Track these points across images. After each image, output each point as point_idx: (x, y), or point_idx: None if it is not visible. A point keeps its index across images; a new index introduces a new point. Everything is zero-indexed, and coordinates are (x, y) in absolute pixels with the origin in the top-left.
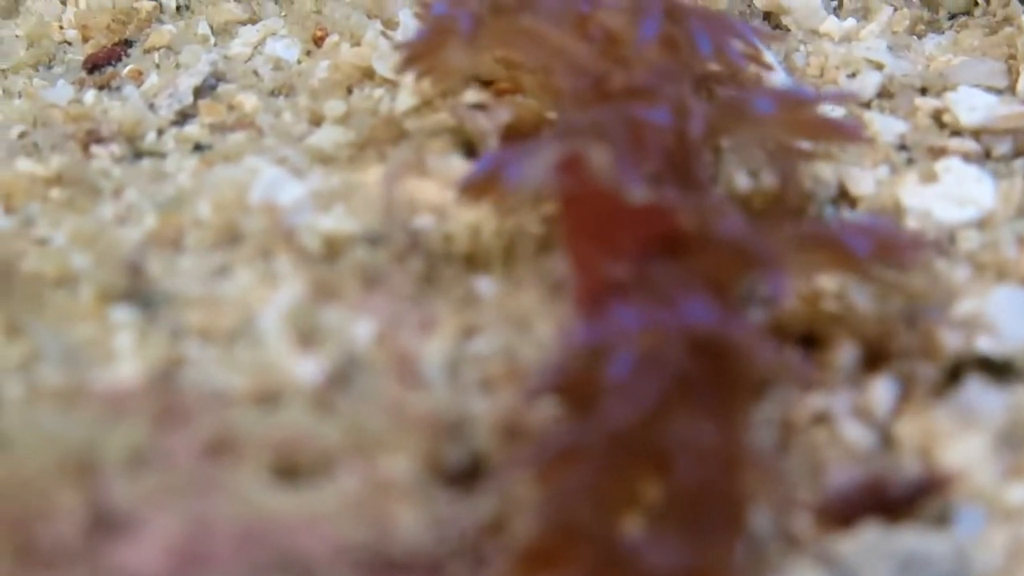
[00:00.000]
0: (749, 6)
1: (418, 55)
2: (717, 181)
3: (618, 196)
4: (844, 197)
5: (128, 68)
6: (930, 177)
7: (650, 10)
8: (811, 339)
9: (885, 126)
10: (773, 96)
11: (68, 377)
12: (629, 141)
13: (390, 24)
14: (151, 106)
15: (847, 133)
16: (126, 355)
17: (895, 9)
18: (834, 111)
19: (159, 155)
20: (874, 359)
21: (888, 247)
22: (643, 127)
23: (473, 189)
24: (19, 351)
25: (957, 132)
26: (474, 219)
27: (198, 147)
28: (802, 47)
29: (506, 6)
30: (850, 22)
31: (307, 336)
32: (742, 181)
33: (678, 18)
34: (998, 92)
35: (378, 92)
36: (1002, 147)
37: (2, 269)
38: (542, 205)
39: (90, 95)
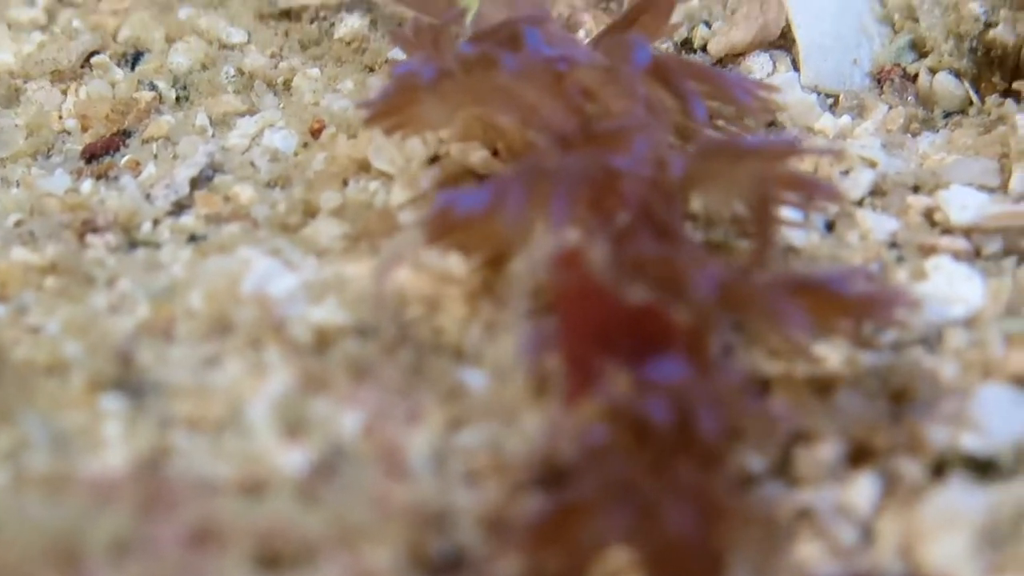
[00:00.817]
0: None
1: (386, 111)
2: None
3: (613, 294)
4: None
5: (126, 158)
6: (920, 275)
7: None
8: (797, 434)
9: (877, 224)
10: (755, 145)
11: (55, 464)
12: (593, 186)
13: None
14: (148, 196)
15: (825, 192)
16: (114, 443)
17: (890, 107)
18: None
19: (154, 245)
20: (859, 455)
21: (872, 297)
22: (616, 175)
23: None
24: (7, 438)
25: (948, 230)
26: (465, 312)
27: (193, 238)
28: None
29: (477, 63)
30: (845, 119)
31: (295, 427)
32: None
33: (665, 75)
34: (990, 191)
35: (373, 185)
36: (992, 246)
37: None
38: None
39: (87, 185)
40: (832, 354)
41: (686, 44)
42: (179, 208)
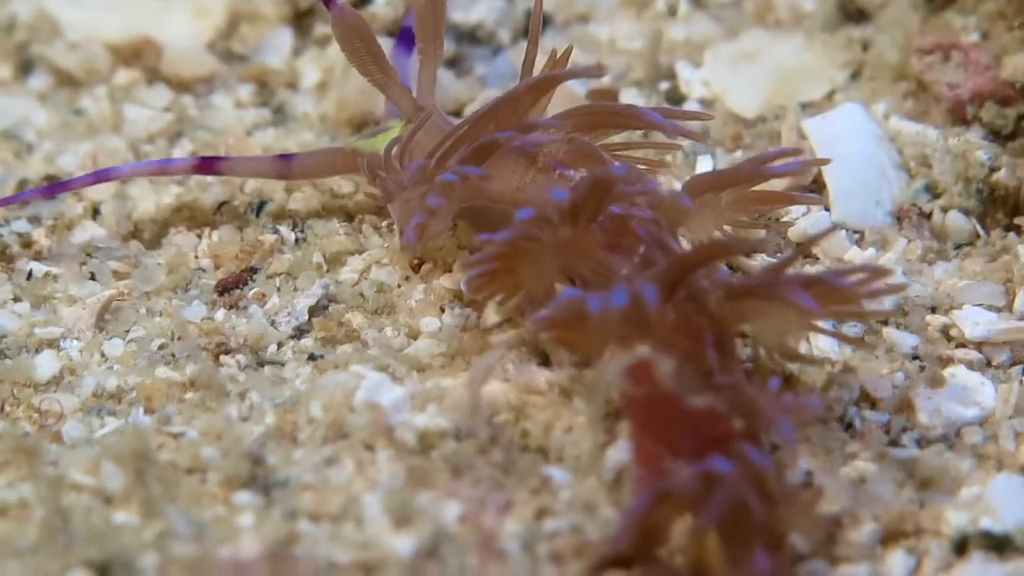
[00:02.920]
0: (784, 239)
1: (487, 279)
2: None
3: (680, 401)
4: (866, 399)
5: (253, 291)
6: (939, 383)
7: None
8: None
9: (900, 339)
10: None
11: (196, 551)
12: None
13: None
14: (273, 323)
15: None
16: (247, 533)
17: (909, 241)
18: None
19: (279, 364)
20: (890, 536)
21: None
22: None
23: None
24: (155, 529)
25: (962, 344)
26: (548, 418)
27: (312, 357)
28: None
29: (566, 218)
30: (870, 252)
31: (403, 516)
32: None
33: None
34: (998, 310)
35: (467, 311)
36: (1001, 356)
37: (142, 460)
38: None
39: (220, 314)
40: (864, 451)
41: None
42: (300, 332)
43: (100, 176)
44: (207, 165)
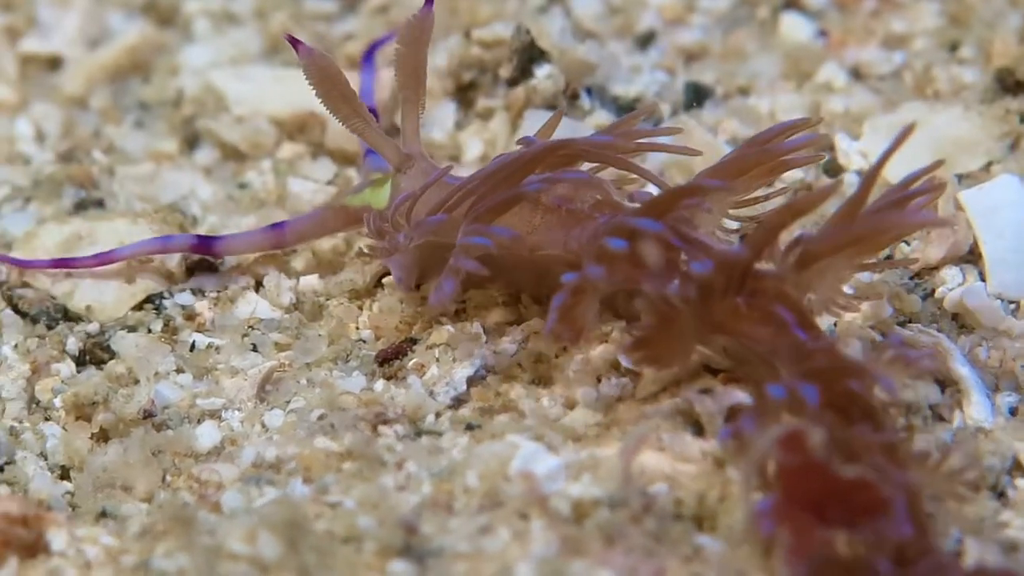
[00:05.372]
0: (939, 309)
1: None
2: None
3: (831, 470)
4: (1019, 467)
5: (412, 362)
6: None
7: None
8: None
9: None
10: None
11: None
12: None
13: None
14: (431, 393)
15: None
16: None
17: None
18: None
19: (436, 434)
20: None
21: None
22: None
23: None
24: None
25: None
26: (702, 487)
27: (469, 427)
28: (984, 343)
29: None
30: None
31: None
32: None
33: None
34: None
35: (623, 380)
36: None
37: (300, 528)
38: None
39: (379, 384)
40: (1017, 519)
41: (888, 260)
42: (458, 402)
43: (102, 259)
44: (204, 245)
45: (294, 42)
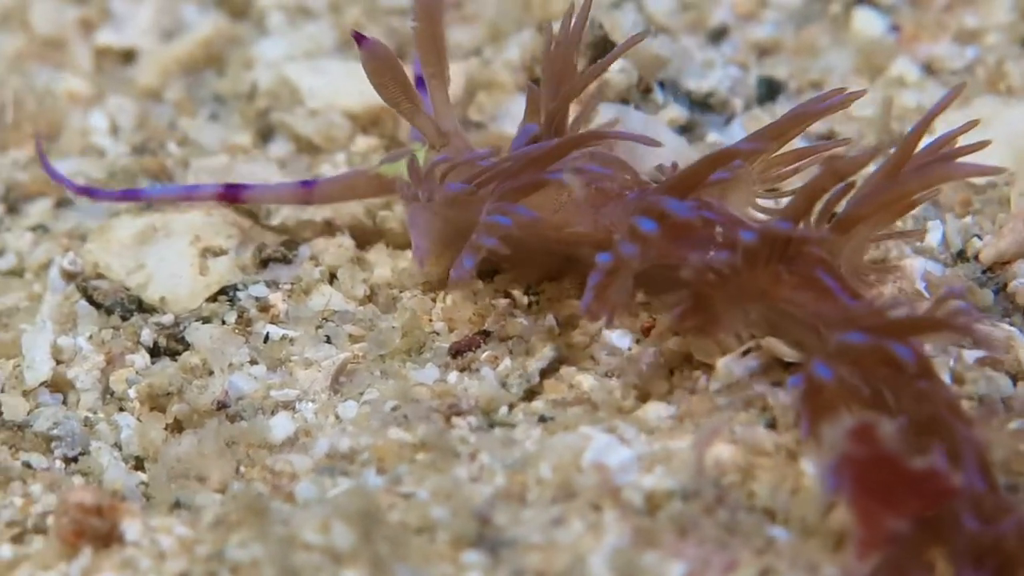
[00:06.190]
0: (1012, 303)
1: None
2: None
3: (901, 462)
4: None
5: (486, 354)
6: None
7: None
8: None
9: None
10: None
11: None
12: None
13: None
14: (504, 385)
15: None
16: None
17: None
18: None
19: (509, 426)
20: None
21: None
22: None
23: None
24: None
25: None
26: (774, 479)
27: (542, 419)
28: None
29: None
30: None
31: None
32: None
33: None
34: None
35: (696, 373)
36: None
37: (373, 519)
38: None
39: (453, 376)
40: None
41: (961, 254)
42: (531, 394)
43: (128, 195)
44: (232, 193)
45: (359, 38)
